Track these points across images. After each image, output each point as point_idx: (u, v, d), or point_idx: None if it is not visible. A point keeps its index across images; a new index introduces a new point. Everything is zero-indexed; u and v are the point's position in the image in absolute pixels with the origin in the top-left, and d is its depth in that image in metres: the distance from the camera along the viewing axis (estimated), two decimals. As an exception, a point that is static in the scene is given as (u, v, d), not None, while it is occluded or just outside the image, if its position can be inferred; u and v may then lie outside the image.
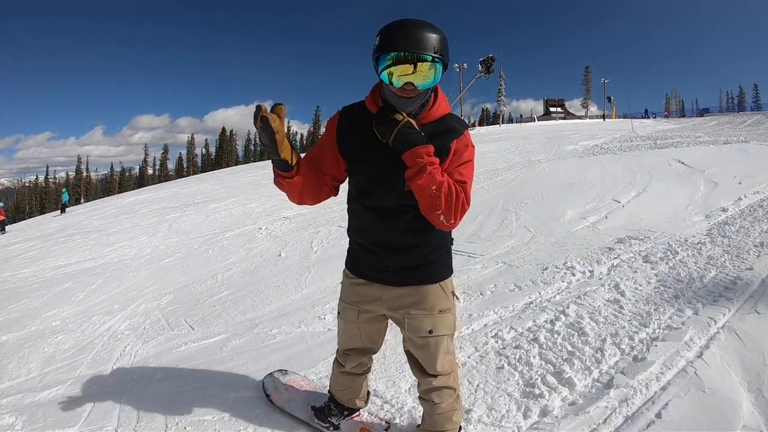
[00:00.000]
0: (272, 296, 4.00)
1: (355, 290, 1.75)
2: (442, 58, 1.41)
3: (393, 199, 1.56)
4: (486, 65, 34.56)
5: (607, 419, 1.97)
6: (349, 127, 1.59)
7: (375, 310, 1.73)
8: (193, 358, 2.88)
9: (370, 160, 1.55)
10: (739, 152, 8.69)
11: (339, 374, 1.97)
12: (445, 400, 1.75)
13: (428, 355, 1.71)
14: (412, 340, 1.71)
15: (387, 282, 1.67)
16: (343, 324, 1.85)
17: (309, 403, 2.12)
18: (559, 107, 68.05)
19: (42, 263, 7.26)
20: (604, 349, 2.49)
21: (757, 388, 2.07)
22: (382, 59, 1.40)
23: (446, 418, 1.77)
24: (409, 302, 1.66)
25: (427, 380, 1.75)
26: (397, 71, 1.38)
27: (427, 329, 1.66)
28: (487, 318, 3.04)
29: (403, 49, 1.36)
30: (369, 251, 1.67)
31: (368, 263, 1.69)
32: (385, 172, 1.53)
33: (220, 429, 2.06)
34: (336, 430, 1.98)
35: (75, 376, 2.79)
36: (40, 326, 3.90)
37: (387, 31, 1.39)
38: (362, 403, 2.05)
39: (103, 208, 16.48)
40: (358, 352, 1.88)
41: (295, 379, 2.40)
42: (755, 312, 2.72)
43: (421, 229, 1.59)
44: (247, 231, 7.09)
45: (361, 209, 1.65)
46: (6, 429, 2.25)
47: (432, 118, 1.54)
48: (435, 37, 1.38)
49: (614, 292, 3.20)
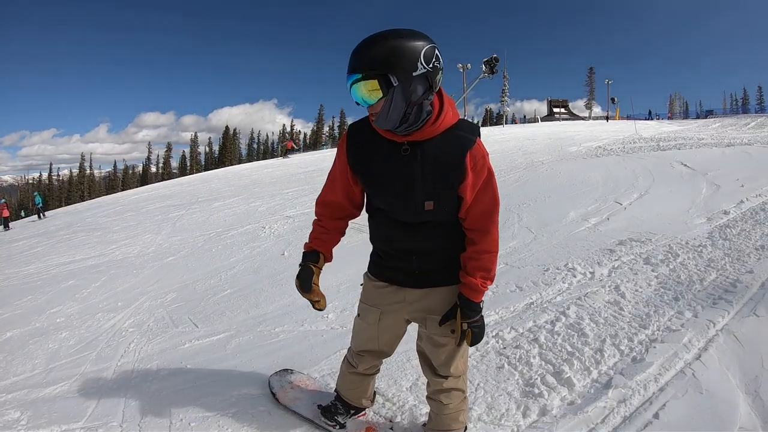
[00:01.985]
0: (276, 294, 4.04)
1: (378, 293, 1.77)
2: (379, 71, 1.33)
3: (411, 216, 1.57)
4: (490, 65, 34.49)
5: (605, 419, 2.00)
6: (360, 149, 1.57)
7: (398, 312, 1.76)
8: (197, 356, 2.92)
9: (386, 185, 1.55)
10: (741, 155, 8.67)
11: (348, 374, 1.98)
12: (453, 401, 1.78)
13: (446, 354, 1.73)
14: (432, 339, 1.73)
15: (411, 285, 1.70)
16: (362, 325, 1.86)
17: (315, 402, 2.14)
18: (562, 108, 67.92)
19: (46, 260, 7.31)
20: (603, 350, 2.51)
21: (754, 391, 2.09)
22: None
23: (453, 418, 1.81)
24: (432, 302, 1.69)
25: (438, 381, 1.77)
26: (353, 93, 1.40)
27: (449, 328, 1.68)
28: (488, 318, 3.05)
29: (348, 72, 1.37)
30: (393, 257, 1.70)
31: (393, 268, 1.72)
32: (403, 199, 1.54)
33: (223, 425, 2.09)
34: (342, 428, 2.01)
35: (80, 373, 2.82)
36: (45, 323, 3.93)
37: None
38: (369, 402, 2.07)
39: (104, 207, 16.56)
40: (374, 354, 1.90)
41: (301, 378, 2.43)
42: (754, 315, 2.73)
43: (442, 236, 1.62)
44: (251, 230, 7.13)
45: (383, 220, 1.66)
46: (11, 424, 2.27)
47: (436, 132, 1.48)
48: (373, 52, 1.33)
49: (614, 294, 3.22)
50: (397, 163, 1.49)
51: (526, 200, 6.47)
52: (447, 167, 1.48)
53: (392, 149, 1.50)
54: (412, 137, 1.47)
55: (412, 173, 1.49)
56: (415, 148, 1.48)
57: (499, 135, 23.82)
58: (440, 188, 1.51)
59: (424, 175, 1.48)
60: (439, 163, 1.48)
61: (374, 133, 1.52)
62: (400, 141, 1.48)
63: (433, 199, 1.51)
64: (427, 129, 1.46)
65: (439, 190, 1.51)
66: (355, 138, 1.58)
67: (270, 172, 18.20)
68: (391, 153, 1.50)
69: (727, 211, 5.16)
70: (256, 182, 15.01)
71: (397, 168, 1.50)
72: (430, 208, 1.52)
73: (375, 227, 1.71)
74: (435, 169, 1.48)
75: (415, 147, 1.48)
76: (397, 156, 1.49)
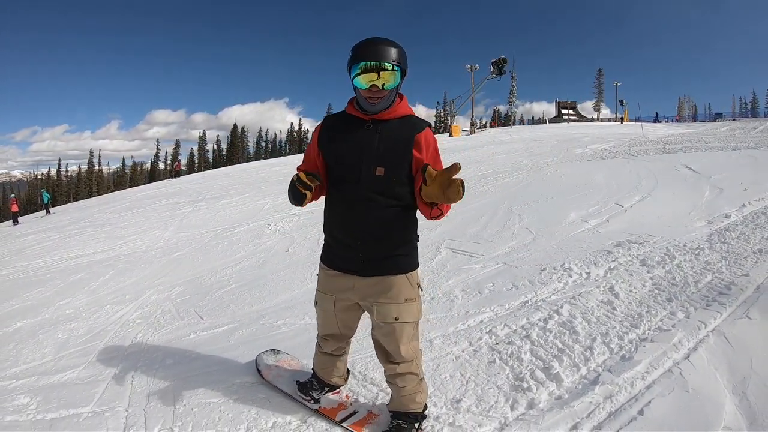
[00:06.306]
0: (279, 289, 4.14)
1: (330, 281, 1.96)
2: (401, 65, 1.75)
3: (363, 187, 1.79)
4: (498, 66, 34.50)
5: (590, 414, 2.06)
6: (330, 129, 1.90)
7: (349, 298, 1.92)
8: (202, 346, 3.02)
9: (345, 151, 1.83)
10: (747, 158, 8.61)
11: (320, 354, 2.20)
12: (408, 384, 1.94)
13: (394, 341, 1.89)
14: (380, 326, 1.91)
15: (359, 273, 1.86)
16: (320, 312, 2.06)
17: (295, 379, 2.34)
18: (570, 110, 67.40)
19: (56, 254, 7.47)
20: (593, 348, 2.57)
21: (741, 391, 2.12)
22: (354, 68, 1.74)
23: (410, 399, 1.97)
24: (378, 291, 1.86)
25: (392, 366, 1.94)
26: (364, 78, 1.72)
27: (393, 316, 1.85)
28: (483, 315, 3.14)
29: (369, 59, 1.70)
30: (342, 245, 1.88)
31: (343, 257, 1.89)
32: (358, 161, 1.79)
33: (225, 411, 2.20)
34: (316, 403, 2.19)
35: (88, 361, 2.93)
36: (54, 314, 4.06)
37: (358, 47, 1.75)
38: (341, 380, 2.27)
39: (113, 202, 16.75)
40: (336, 337, 2.10)
41: (285, 358, 2.63)
42: (747, 317, 2.75)
43: (389, 219, 1.82)
44: (257, 227, 7.24)
45: (336, 200, 1.89)
46: (21, 409, 2.38)
47: (396, 115, 1.83)
48: (394, 50, 1.73)
49: (608, 294, 3.26)
50: (359, 135, 1.82)
51: (528, 201, 6.51)
52: (400, 141, 1.80)
53: (358, 126, 1.83)
54: (377, 116, 1.80)
55: (370, 142, 1.80)
56: (377, 124, 1.81)
57: (505, 136, 23.77)
58: (391, 156, 1.79)
59: (378, 143, 1.79)
60: (393, 138, 1.80)
61: (344, 120, 1.88)
62: (368, 119, 1.81)
63: (384, 165, 1.78)
64: (389, 111, 1.82)
65: (391, 158, 1.79)
66: (328, 123, 1.93)
67: (277, 170, 18.31)
68: (357, 128, 1.83)
69: (728, 215, 5.16)
70: (263, 180, 15.15)
71: (359, 138, 1.81)
72: (381, 173, 1.78)
73: (329, 209, 1.94)
74: (389, 141, 1.80)
75: (377, 124, 1.81)
76: (361, 130, 1.82)
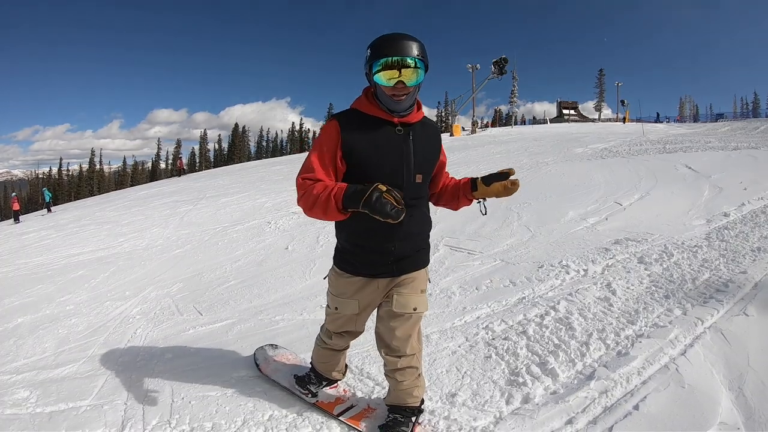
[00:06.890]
0: (278, 286, 4.15)
1: (354, 287, 1.88)
2: (424, 60, 1.67)
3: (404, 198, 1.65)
4: (499, 66, 34.42)
5: (585, 408, 2.07)
6: (353, 132, 1.70)
7: (374, 300, 1.91)
8: (200, 341, 3.04)
9: (382, 159, 1.70)
10: (747, 158, 8.61)
11: (323, 349, 2.14)
12: (407, 379, 1.94)
13: (404, 331, 1.87)
14: (395, 315, 1.85)
15: (385, 275, 1.84)
16: (339, 315, 1.96)
17: (293, 373, 2.34)
18: (572, 110, 67.25)
19: (56, 251, 7.48)
20: (589, 344, 2.58)
21: (738, 387, 2.13)
22: (375, 65, 1.65)
23: (408, 393, 1.97)
24: (400, 283, 1.86)
25: (393, 360, 1.92)
26: (387, 74, 1.63)
27: (412, 306, 1.85)
28: (480, 311, 3.15)
29: (392, 55, 1.62)
30: (369, 250, 1.81)
31: (369, 262, 1.83)
32: (399, 171, 1.73)
33: (222, 404, 2.21)
34: (314, 396, 2.19)
35: (88, 355, 2.95)
36: (55, 310, 4.08)
37: (377, 43, 1.66)
38: (340, 375, 2.25)
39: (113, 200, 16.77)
40: (352, 334, 2.07)
41: (283, 353, 2.64)
42: (744, 314, 2.75)
43: (417, 216, 1.82)
44: (257, 225, 7.26)
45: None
46: (21, 402, 2.40)
47: (418, 119, 1.79)
48: (415, 44, 1.65)
49: (605, 291, 3.27)
50: (393, 141, 1.73)
51: (527, 199, 6.51)
52: (432, 149, 1.83)
53: (388, 129, 1.73)
54: (404, 119, 1.74)
55: (408, 150, 1.74)
56: (407, 128, 1.75)
57: (506, 136, 23.77)
58: (428, 165, 1.82)
59: (415, 151, 1.75)
60: (424, 145, 1.79)
61: (366, 121, 1.72)
62: (397, 122, 1.73)
63: (422, 172, 1.79)
64: (414, 114, 1.77)
65: (428, 167, 1.82)
66: (347, 124, 1.72)
67: (278, 169, 18.33)
68: (387, 132, 1.72)
69: (727, 213, 5.16)
70: (263, 179, 15.16)
71: (394, 144, 1.72)
72: (420, 181, 1.78)
73: (356, 221, 1.68)
74: (424, 148, 1.79)
75: (407, 128, 1.75)
76: (393, 135, 1.73)
